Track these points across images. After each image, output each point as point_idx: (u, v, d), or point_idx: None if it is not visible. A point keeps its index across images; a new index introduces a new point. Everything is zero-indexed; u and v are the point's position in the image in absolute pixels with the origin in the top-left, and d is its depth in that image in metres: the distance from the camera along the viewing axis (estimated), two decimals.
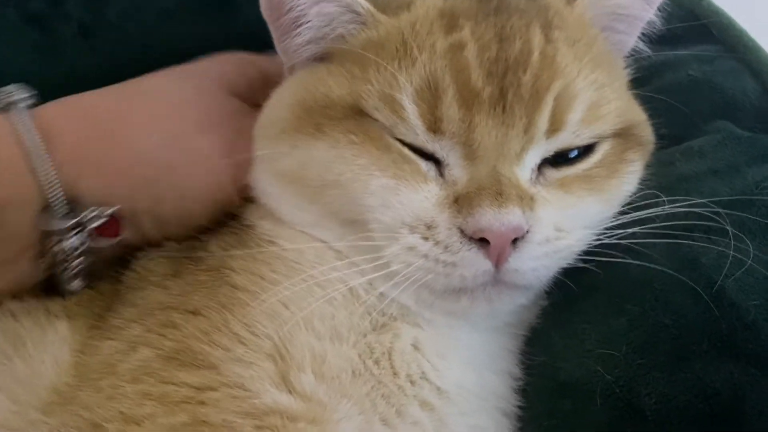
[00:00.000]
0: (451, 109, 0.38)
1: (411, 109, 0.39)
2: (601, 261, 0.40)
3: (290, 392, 0.37)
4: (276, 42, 0.47)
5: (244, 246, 0.43)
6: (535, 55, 0.40)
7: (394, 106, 0.40)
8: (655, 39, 0.48)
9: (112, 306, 0.44)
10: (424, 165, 0.40)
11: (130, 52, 0.63)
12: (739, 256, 0.37)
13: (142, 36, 0.63)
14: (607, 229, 0.41)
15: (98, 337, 0.42)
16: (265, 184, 0.45)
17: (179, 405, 0.36)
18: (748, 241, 0.37)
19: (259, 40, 0.63)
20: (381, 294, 0.40)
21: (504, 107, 0.39)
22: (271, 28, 0.47)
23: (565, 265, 0.41)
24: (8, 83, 0.60)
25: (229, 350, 0.37)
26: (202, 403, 0.36)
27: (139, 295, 0.43)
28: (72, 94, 0.63)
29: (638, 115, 0.45)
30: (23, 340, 0.42)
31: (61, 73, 0.62)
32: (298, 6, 0.43)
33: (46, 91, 0.62)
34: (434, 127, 0.39)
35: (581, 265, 0.41)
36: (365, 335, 0.40)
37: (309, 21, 0.43)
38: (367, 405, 0.38)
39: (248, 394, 0.36)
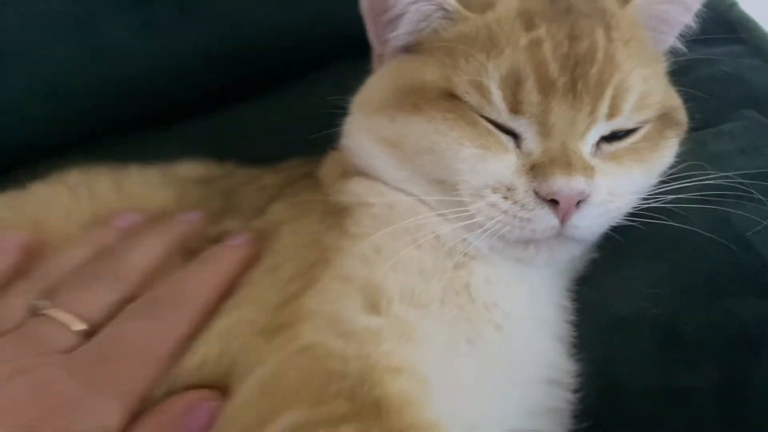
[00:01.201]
0: (530, 95, 0.45)
1: (496, 93, 0.46)
2: (644, 221, 0.47)
3: (378, 315, 0.43)
4: (371, 34, 0.54)
5: (336, 214, 0.50)
6: (600, 53, 0.46)
7: (481, 90, 0.46)
8: (691, 39, 0.54)
9: None
10: (505, 139, 0.46)
11: (221, 31, 0.70)
12: (763, 216, 0.43)
13: (232, 16, 0.69)
14: (649, 195, 0.48)
15: None
16: (365, 147, 0.51)
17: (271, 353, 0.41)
18: None
19: (321, 24, 0.70)
20: (462, 240, 0.46)
21: (574, 95, 0.45)
22: (368, 22, 0.53)
23: (614, 224, 0.47)
24: (115, 55, 0.68)
25: (326, 294, 0.44)
26: (296, 335, 0.41)
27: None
28: (169, 66, 0.69)
29: (675, 101, 0.51)
30: None
31: (160, 46, 0.69)
32: (399, 5, 0.49)
33: (147, 64, 0.69)
34: (515, 108, 0.45)
35: (628, 223, 0.47)
36: (447, 272, 0.46)
37: (407, 18, 0.50)
38: (450, 327, 0.44)
39: (341, 320, 0.42)
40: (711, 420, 0.42)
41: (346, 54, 0.77)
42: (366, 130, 0.51)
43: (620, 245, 0.48)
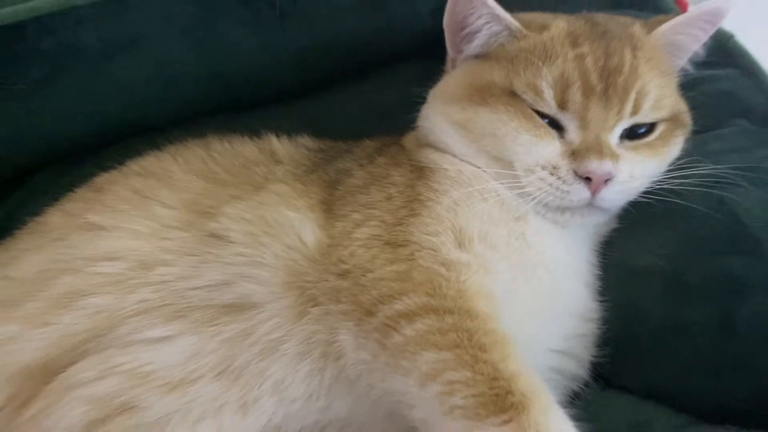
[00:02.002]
0: (575, 96, 0.57)
1: (548, 93, 0.57)
2: (657, 198, 0.59)
3: (467, 252, 0.54)
4: (449, 43, 0.66)
5: (418, 170, 0.62)
6: (627, 66, 0.58)
7: (536, 90, 0.57)
8: (699, 62, 0.67)
9: (335, 197, 0.60)
10: (552, 129, 0.58)
11: (313, 35, 0.79)
12: (747, 198, 0.55)
13: (324, 22, 0.78)
14: (661, 179, 0.60)
15: (331, 219, 0.58)
16: (440, 127, 0.63)
17: (391, 263, 0.53)
18: (753, 189, 0.56)
19: (391, 33, 0.81)
20: (516, 202, 0.58)
21: (606, 98, 0.57)
22: (448, 34, 0.65)
23: (632, 200, 0.60)
24: (222, 50, 0.77)
25: (429, 227, 0.55)
26: (412, 254, 0.53)
27: (354, 194, 0.60)
28: (268, 63, 0.80)
29: (683, 107, 0.63)
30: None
31: (261, 44, 0.78)
32: (475, 25, 0.61)
33: (248, 58, 0.78)
34: (562, 105, 0.57)
35: (643, 200, 0.59)
36: (509, 222, 0.57)
37: (481, 34, 0.61)
38: (513, 265, 0.55)
39: (440, 252, 0.53)
40: (706, 346, 0.55)
41: (408, 57, 0.89)
42: (442, 115, 0.63)
43: (637, 217, 0.61)
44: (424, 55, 0.89)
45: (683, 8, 0.76)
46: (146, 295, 0.54)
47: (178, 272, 0.54)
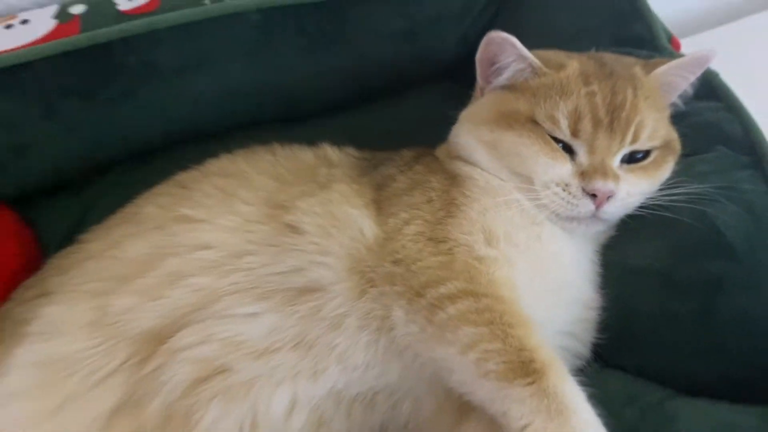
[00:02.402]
0: (586, 126, 0.66)
1: (564, 123, 0.67)
2: (650, 212, 0.69)
3: (494, 249, 0.64)
4: (479, 75, 0.75)
5: (452, 178, 0.72)
6: (628, 103, 0.67)
7: (554, 120, 0.67)
8: (686, 98, 0.76)
9: (383, 197, 0.70)
10: (565, 153, 0.68)
11: (355, 60, 0.90)
12: (725, 209, 0.65)
13: (365, 50, 0.89)
14: (654, 196, 0.69)
15: (383, 216, 0.68)
16: (470, 144, 0.72)
17: (435, 255, 0.64)
18: (730, 205, 0.65)
19: (421, 59, 0.91)
20: (535, 211, 0.68)
21: (611, 129, 0.67)
22: (480, 68, 0.74)
23: (629, 212, 0.70)
24: (279, 69, 0.86)
25: (463, 227, 0.65)
26: (451, 249, 0.64)
27: (400, 195, 0.70)
28: (315, 82, 0.89)
29: (674, 135, 0.72)
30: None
31: (312, 67, 0.88)
32: (504, 62, 0.71)
33: (299, 77, 0.89)
34: (575, 134, 0.67)
35: (638, 213, 0.69)
36: (527, 227, 0.67)
37: (508, 70, 0.71)
38: (531, 262, 0.65)
39: (473, 250, 0.64)
40: (689, 333, 0.65)
41: (434, 79, 1.00)
42: (472, 135, 0.73)
43: (633, 226, 0.71)
44: (447, 78, 1.00)
45: (676, 47, 0.87)
46: (237, 279, 0.64)
47: (261, 260, 0.65)
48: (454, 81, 0.99)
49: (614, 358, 0.70)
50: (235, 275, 0.64)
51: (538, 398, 0.54)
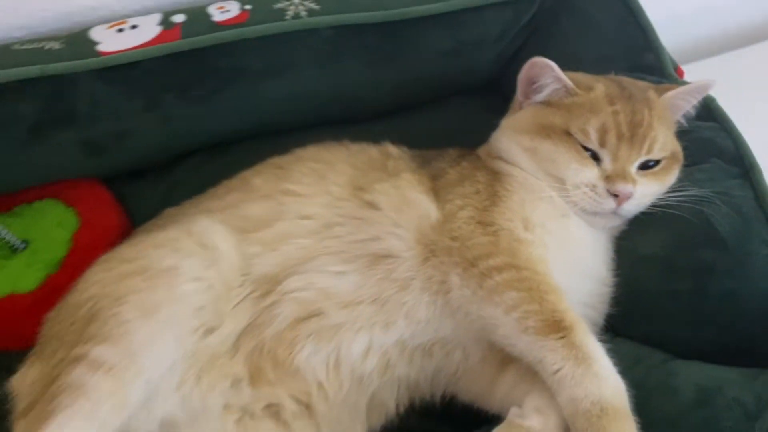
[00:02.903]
0: (611, 139, 0.78)
1: (593, 136, 0.78)
2: (658, 210, 0.81)
3: (531, 233, 0.76)
4: (520, 91, 0.85)
5: (494, 174, 0.84)
6: (645, 121, 0.79)
7: (585, 133, 0.78)
8: (689, 117, 0.89)
9: (438, 186, 0.82)
10: (593, 160, 0.80)
11: (408, 72, 1.01)
12: (718, 210, 0.76)
13: (417, 64, 1.00)
14: (662, 197, 0.81)
15: (440, 202, 0.80)
16: (511, 148, 0.84)
17: (484, 235, 0.77)
18: (723, 206, 0.77)
19: (470, 74, 1.04)
20: (565, 206, 0.81)
21: (632, 141, 0.78)
22: (521, 85, 0.84)
23: (642, 210, 0.82)
24: (345, 78, 0.97)
25: (506, 214, 0.78)
26: (496, 232, 0.76)
27: (453, 186, 0.82)
28: (374, 90, 1.00)
29: (678, 148, 0.82)
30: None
31: (372, 77, 0.99)
32: (543, 82, 0.83)
33: (360, 85, 1.00)
34: (602, 144, 0.78)
35: (649, 210, 0.82)
36: (558, 218, 0.79)
37: (546, 89, 0.83)
38: (560, 245, 0.77)
39: (514, 233, 0.76)
40: (686, 308, 0.77)
41: (473, 91, 1.13)
42: (514, 141, 0.85)
43: (642, 221, 0.83)
44: (483, 90, 1.14)
45: (680, 75, 1.01)
46: (329, 244, 0.77)
47: (347, 230, 0.78)
48: (489, 92, 1.12)
49: (623, 328, 0.81)
50: (328, 241, 0.77)
51: (567, 349, 0.67)
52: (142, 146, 0.98)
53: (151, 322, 0.69)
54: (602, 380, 0.66)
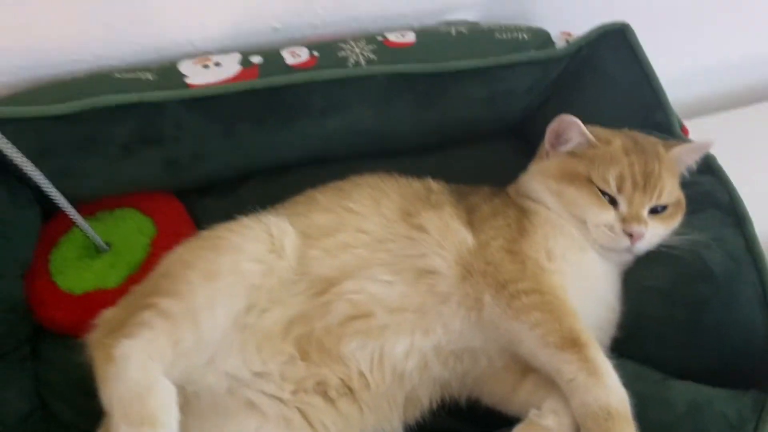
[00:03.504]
0: (627, 187, 0.90)
1: (612, 183, 0.89)
2: (663, 249, 0.93)
3: (553, 263, 0.88)
4: (547, 142, 0.95)
5: (523, 211, 0.96)
6: (656, 172, 0.91)
7: (605, 180, 0.88)
8: (691, 171, 1.02)
9: (474, 219, 0.92)
10: (610, 204, 0.92)
11: (448, 115, 1.12)
12: (713, 252, 0.87)
13: (456, 109, 1.10)
14: (667, 239, 0.93)
15: (476, 232, 0.90)
16: (539, 190, 0.94)
17: (513, 263, 0.89)
18: (717, 249, 0.89)
19: (501, 120, 1.18)
20: (584, 241, 0.92)
21: (645, 189, 0.90)
22: (549, 137, 0.95)
23: (650, 249, 0.94)
24: (391, 117, 1.08)
25: (532, 246, 0.90)
26: (524, 260, 0.88)
27: (487, 219, 0.94)
28: (416, 129, 1.12)
29: (682, 197, 0.91)
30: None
31: (416, 118, 1.09)
32: (569, 136, 0.95)
33: (404, 124, 1.11)
34: (619, 191, 0.90)
35: (656, 249, 0.93)
36: (577, 251, 0.91)
37: (572, 142, 0.95)
38: (578, 274, 0.88)
39: (539, 263, 0.87)
40: (682, 334, 0.88)
41: (502, 135, 1.26)
42: (542, 184, 0.96)
43: (648, 258, 0.95)
44: (510, 135, 1.27)
45: (685, 133, 1.15)
46: (381, 256, 0.89)
47: (398, 246, 0.90)
48: (516, 137, 1.25)
49: (627, 350, 0.89)
50: (380, 253, 0.89)
51: (581, 362, 0.79)
52: (214, 166, 1.10)
53: (211, 285, 0.81)
54: (609, 390, 0.77)
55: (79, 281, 1.01)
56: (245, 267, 0.83)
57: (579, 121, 0.94)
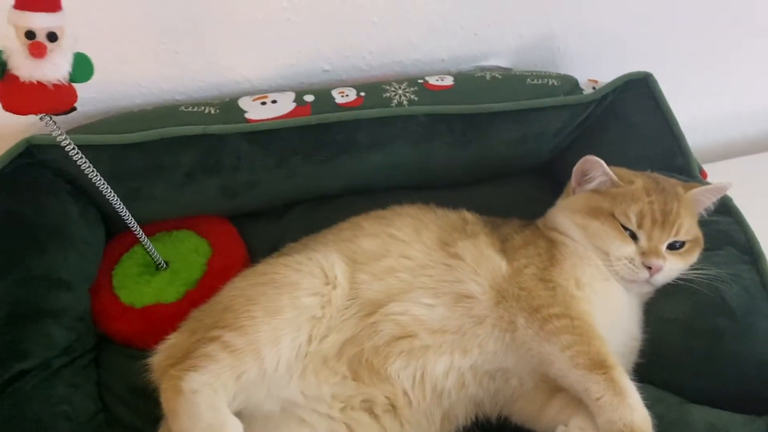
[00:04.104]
0: (647, 223, 0.95)
1: (633, 219, 0.93)
2: (681, 282, 0.96)
3: (581, 291, 0.93)
4: (573, 180, 1.00)
5: (551, 242, 1.02)
6: (674, 211, 0.96)
7: (627, 217, 0.92)
8: (709, 211, 1.09)
9: (507, 247, 0.98)
10: (631, 239, 0.98)
11: (480, 154, 1.20)
12: (730, 288, 0.93)
13: (487, 149, 1.18)
14: (685, 273, 0.99)
15: (509, 259, 0.95)
16: (566, 223, 0.98)
17: (545, 290, 0.96)
18: (733, 285, 0.95)
19: (528, 159, 1.27)
20: (607, 272, 0.99)
21: (663, 226, 0.96)
22: (575, 175, 0.99)
23: (669, 282, 1.00)
24: (429, 155, 1.16)
25: (562, 275, 0.97)
26: (554, 288, 0.94)
27: (519, 248, 1.01)
28: (451, 165, 1.22)
29: (700, 234, 0.95)
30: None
31: (451, 156, 1.17)
32: (593, 175, 1.01)
33: (441, 162, 1.19)
34: (639, 226, 0.96)
35: (673, 283, 0.99)
36: (601, 281, 0.96)
37: (596, 181, 1.02)
38: (602, 304, 0.93)
39: (569, 290, 0.93)
40: (700, 364, 0.93)
41: (529, 172, 1.34)
42: (569, 219, 1.02)
43: (668, 291, 1.00)
44: (538, 172, 1.35)
45: (704, 176, 1.22)
46: (423, 281, 0.95)
47: (437, 272, 0.97)
48: (543, 175, 1.33)
49: (648, 375, 0.92)
50: (422, 278, 0.96)
51: (608, 382, 0.85)
52: (266, 194, 1.19)
53: (273, 321, 0.86)
54: (633, 409, 0.83)
55: (139, 296, 1.10)
56: (305, 302, 0.88)
57: (603, 162, 1.01)
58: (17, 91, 0.76)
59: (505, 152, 1.23)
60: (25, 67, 0.75)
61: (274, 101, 1.15)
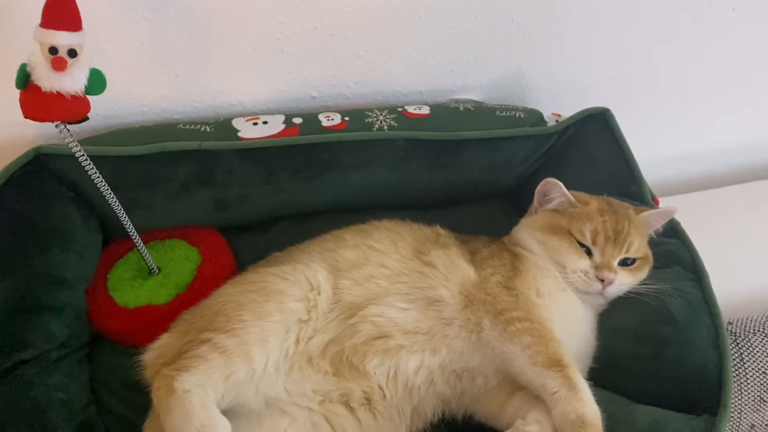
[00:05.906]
0: (601, 240, 1.04)
1: (588, 236, 1.02)
2: (631, 294, 1.07)
3: (541, 299, 1.01)
4: (536, 200, 1.08)
5: (515, 255, 1.12)
6: (625, 230, 1.05)
7: (582, 234, 1.00)
8: (658, 233, 1.21)
9: (475, 259, 1.05)
10: (586, 254, 1.07)
11: (455, 177, 1.26)
12: (675, 300, 1.04)
13: (462, 172, 1.25)
14: (635, 287, 1.08)
15: (477, 268, 1.01)
16: (527, 239, 1.05)
17: (509, 296, 1.05)
18: (677, 297, 1.06)
19: (499, 185, 1.37)
20: (564, 284, 1.08)
21: (615, 243, 1.05)
22: (537, 196, 1.06)
23: (619, 294, 1.09)
24: (406, 176, 1.24)
25: (524, 284, 1.05)
26: (517, 295, 1.02)
27: (486, 259, 1.09)
28: (427, 186, 1.29)
29: (650, 253, 1.02)
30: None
31: (428, 177, 1.24)
32: (553, 196, 1.11)
33: (418, 183, 1.27)
34: (594, 243, 1.05)
35: (624, 296, 1.08)
36: (559, 291, 1.04)
37: (555, 201, 1.11)
38: (560, 312, 1.01)
39: (530, 298, 1.01)
40: (647, 368, 1.01)
41: (497, 197, 1.45)
42: (531, 235, 1.11)
43: (619, 303, 1.08)
44: (504, 197, 1.44)
45: (656, 203, 1.33)
46: (398, 287, 1.03)
47: (411, 279, 1.04)
48: (508, 200, 1.40)
49: (600, 380, 0.97)
50: (397, 285, 1.04)
51: (563, 379, 0.92)
52: (255, 207, 1.26)
53: (262, 324, 0.92)
54: (585, 403, 0.91)
55: (133, 297, 1.16)
56: (291, 306, 0.94)
57: (561, 184, 1.11)
58: (38, 100, 0.84)
59: (476, 177, 1.30)
60: (47, 79, 0.83)
61: (265, 122, 1.24)
